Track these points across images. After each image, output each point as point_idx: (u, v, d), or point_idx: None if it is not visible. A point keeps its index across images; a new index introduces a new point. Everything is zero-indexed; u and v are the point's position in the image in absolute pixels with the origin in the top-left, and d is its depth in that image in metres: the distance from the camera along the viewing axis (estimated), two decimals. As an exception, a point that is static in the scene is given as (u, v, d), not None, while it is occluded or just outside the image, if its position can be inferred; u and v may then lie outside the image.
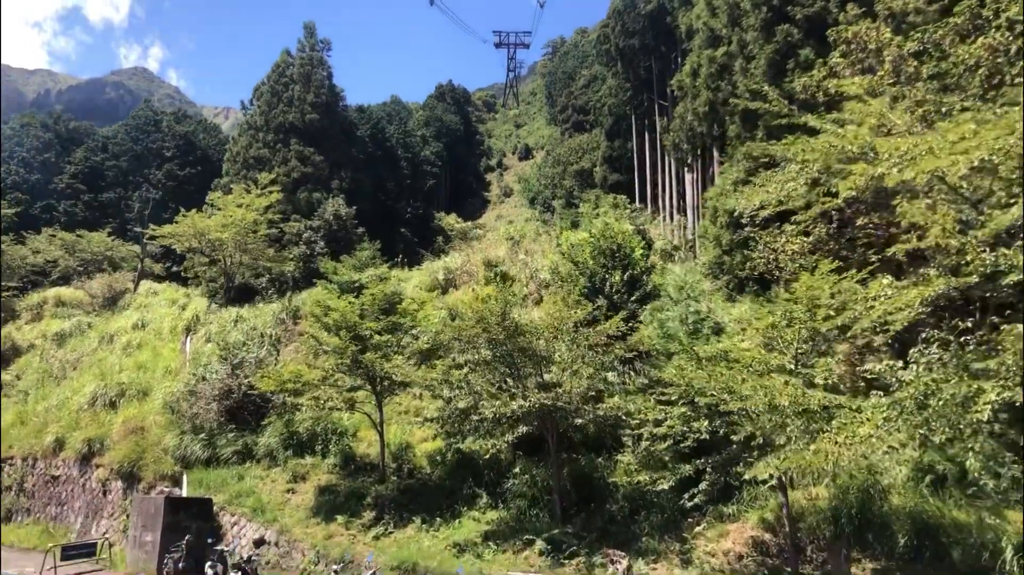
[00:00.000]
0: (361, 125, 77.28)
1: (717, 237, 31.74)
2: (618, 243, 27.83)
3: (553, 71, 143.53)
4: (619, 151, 77.98)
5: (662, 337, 22.44)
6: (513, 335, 21.10)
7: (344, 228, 55.77)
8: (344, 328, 25.11)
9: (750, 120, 29.21)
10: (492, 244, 50.06)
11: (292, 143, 60.01)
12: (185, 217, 44.73)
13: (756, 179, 26.04)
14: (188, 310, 42.74)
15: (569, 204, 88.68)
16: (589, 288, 27.23)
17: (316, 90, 62.88)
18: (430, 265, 48.14)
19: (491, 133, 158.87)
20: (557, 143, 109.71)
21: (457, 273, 43.56)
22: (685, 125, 45.68)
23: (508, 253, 44.26)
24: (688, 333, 22.00)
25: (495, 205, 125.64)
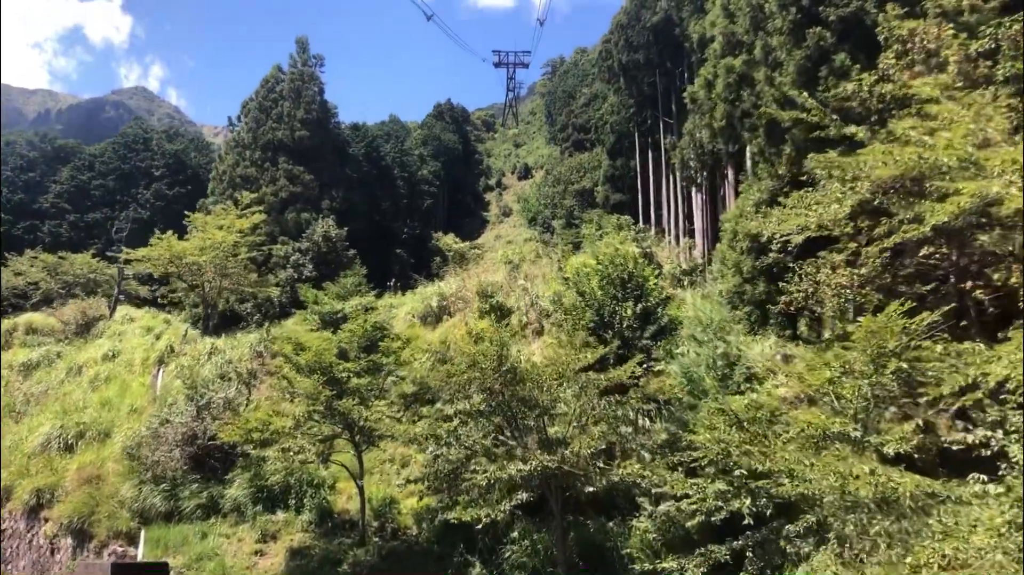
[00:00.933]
0: (355, 143, 74.24)
1: (737, 264, 28.49)
2: (630, 271, 24.59)
3: (552, 90, 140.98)
4: (621, 170, 74.95)
5: (686, 383, 19.13)
6: (511, 383, 17.78)
7: (334, 250, 52.61)
8: (318, 370, 21.78)
9: (776, 134, 26.04)
10: (489, 268, 46.85)
11: (281, 161, 56.91)
12: (160, 240, 41.52)
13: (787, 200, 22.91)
14: (162, 339, 39.36)
15: (569, 224, 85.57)
16: (597, 322, 23.98)
17: (307, 106, 59.84)
18: (423, 290, 44.87)
19: (490, 152, 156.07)
20: (557, 162, 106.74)
21: (451, 299, 40.30)
22: (694, 142, 42.56)
23: (506, 278, 41.02)
24: (716, 379, 18.70)
25: (494, 225, 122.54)
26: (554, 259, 43.07)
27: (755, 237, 27.60)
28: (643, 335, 23.62)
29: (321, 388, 21.29)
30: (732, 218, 29.75)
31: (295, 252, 51.64)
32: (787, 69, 24.58)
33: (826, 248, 22.78)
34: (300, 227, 54.21)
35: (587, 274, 25.56)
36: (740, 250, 28.61)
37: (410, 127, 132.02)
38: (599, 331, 23.90)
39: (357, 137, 75.28)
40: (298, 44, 65.57)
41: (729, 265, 29.32)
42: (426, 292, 42.66)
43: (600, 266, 25.03)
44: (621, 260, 24.61)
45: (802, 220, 19.70)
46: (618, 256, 24.75)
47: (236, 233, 41.60)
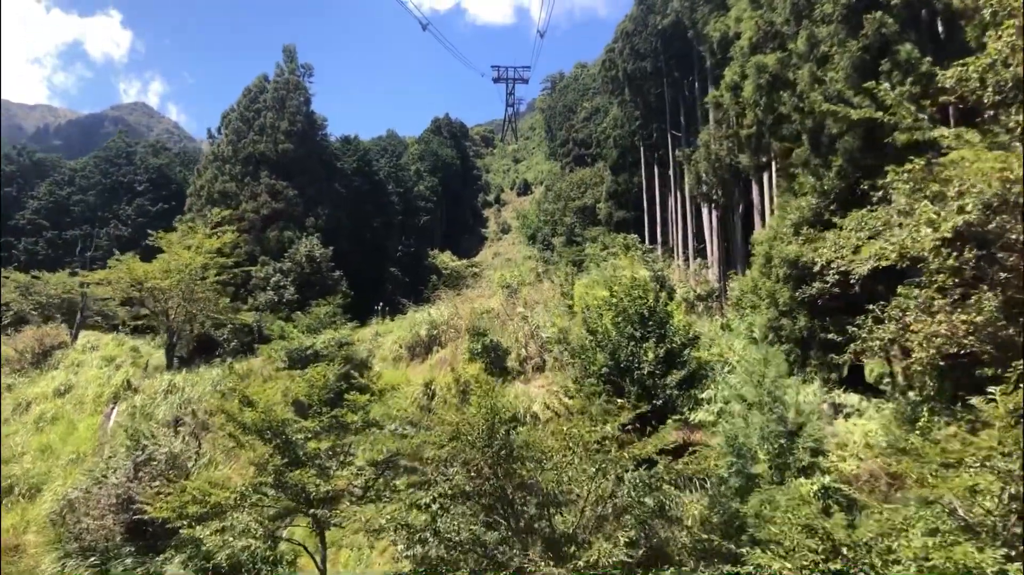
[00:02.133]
0: (346, 157, 69.94)
1: (772, 294, 24.11)
2: (650, 306, 20.17)
3: (552, 105, 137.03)
4: (624, 186, 70.74)
5: (733, 458, 14.66)
6: (505, 461, 13.34)
7: (318, 271, 48.22)
8: (269, 429, 17.34)
9: (821, 142, 21.73)
10: (485, 292, 42.47)
11: (263, 176, 52.54)
12: (119, 262, 37.12)
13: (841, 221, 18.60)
14: (119, 373, 34.83)
15: (570, 242, 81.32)
16: (611, 366, 19.58)
17: (291, 117, 55.48)
18: (413, 316, 40.49)
19: (489, 168, 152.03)
20: (557, 178, 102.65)
21: (442, 329, 35.94)
22: (710, 155, 38.27)
23: (503, 305, 36.64)
24: (773, 455, 14.24)
25: (492, 242, 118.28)
26: (556, 283, 38.65)
27: (794, 263, 23.35)
28: (666, 382, 19.23)
29: (272, 454, 16.86)
30: (765, 240, 25.37)
31: (276, 273, 47.24)
32: (839, 64, 20.27)
33: (888, 281, 18.64)
34: (283, 246, 49.84)
35: (598, 308, 21.17)
36: (776, 278, 24.25)
37: (407, 142, 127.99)
38: (614, 377, 19.54)
39: (348, 151, 70.97)
40: (285, 52, 61.36)
41: (763, 295, 24.93)
42: (415, 319, 38.28)
43: (615, 299, 20.62)
44: (640, 292, 20.20)
45: (875, 247, 15.43)
46: (636, 288, 20.34)
47: (206, 254, 37.14)
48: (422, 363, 35.49)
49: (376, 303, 56.84)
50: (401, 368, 35.67)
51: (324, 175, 58.30)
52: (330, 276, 48.18)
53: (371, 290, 66.42)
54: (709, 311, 39.58)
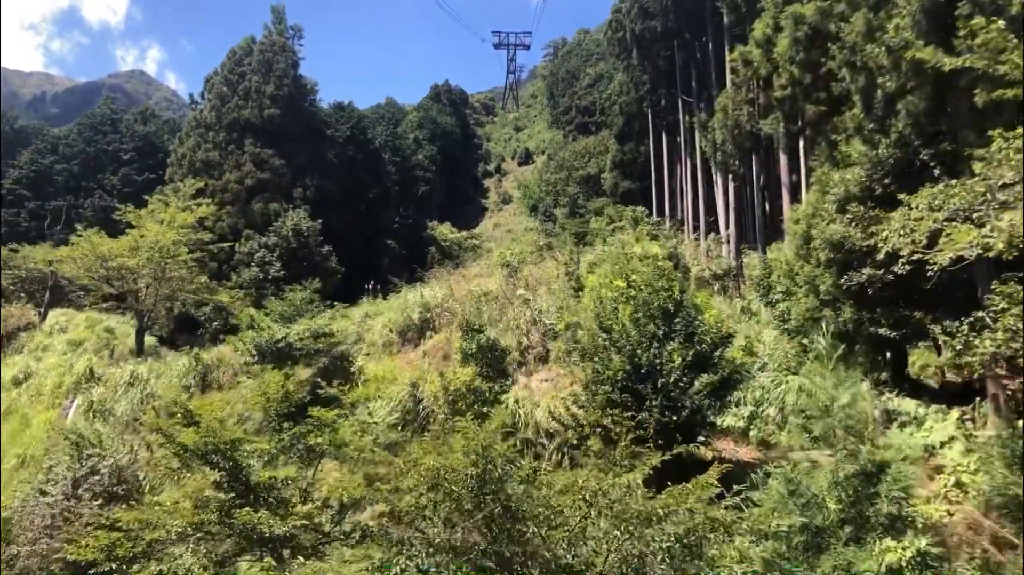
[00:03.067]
0: (340, 125, 66.15)
1: (811, 280, 20.70)
2: (676, 299, 16.78)
3: (555, 72, 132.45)
4: (630, 155, 67.05)
5: (795, 508, 11.32)
6: (502, 519, 10.04)
7: (306, 246, 44.84)
8: (215, 452, 14.08)
9: (874, 104, 18.21)
10: (484, 271, 39.02)
11: (247, 144, 48.94)
12: (80, 237, 33.70)
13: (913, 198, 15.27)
14: (82, 360, 31.48)
15: (573, 213, 77.81)
16: (629, 372, 16.22)
17: (277, 81, 51.67)
18: (406, 297, 37.11)
19: (489, 137, 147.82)
20: (560, 147, 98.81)
21: (436, 312, 32.54)
22: (728, 120, 34.69)
23: (503, 285, 33.23)
24: (847, 504, 10.90)
25: (493, 213, 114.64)
26: (560, 261, 35.18)
27: (838, 245, 19.90)
28: (695, 391, 15.91)
29: (214, 486, 13.62)
30: (803, 218, 21.88)
31: (261, 248, 43.86)
32: (905, 9, 16.67)
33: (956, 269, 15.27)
34: (269, 219, 46.42)
35: (613, 299, 17.77)
36: (816, 261, 20.82)
37: (406, 110, 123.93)
38: (633, 383, 16.21)
39: (342, 118, 67.16)
40: (274, 13, 57.39)
41: (800, 281, 21.52)
42: (407, 301, 34.87)
43: (633, 290, 17.23)
44: (665, 284, 16.78)
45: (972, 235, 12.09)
46: (659, 277, 16.92)
47: (179, 229, 33.68)
48: (414, 349, 32.17)
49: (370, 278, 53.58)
50: (392, 356, 32.40)
51: (314, 143, 54.59)
52: (318, 251, 44.82)
53: (365, 264, 63.11)
54: (725, 291, 36.18)
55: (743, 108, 34.74)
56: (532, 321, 28.34)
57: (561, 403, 18.13)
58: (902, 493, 10.85)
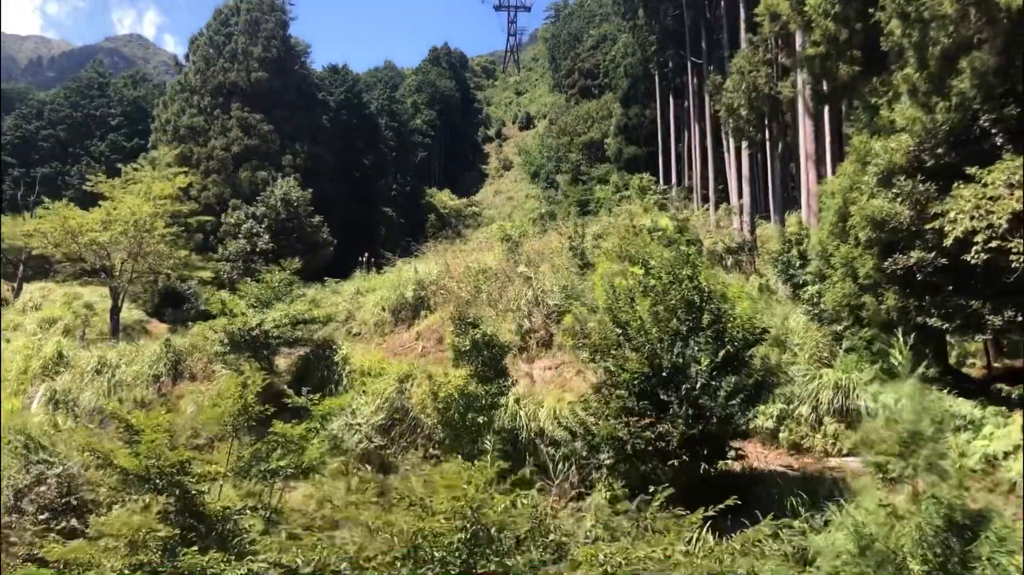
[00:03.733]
0: (334, 88, 63.23)
1: (849, 262, 18.31)
2: (701, 288, 14.35)
3: (556, 34, 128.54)
4: (636, 120, 64.22)
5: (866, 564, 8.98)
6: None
7: (295, 216, 42.34)
8: (160, 476, 11.76)
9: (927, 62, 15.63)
10: (484, 244, 36.55)
11: (233, 108, 46.17)
12: (47, 210, 31.24)
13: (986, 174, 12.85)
14: (50, 343, 29.10)
15: (576, 180, 75.16)
16: (649, 375, 13.84)
17: (265, 42, 48.72)
18: (400, 273, 34.74)
19: (490, 101, 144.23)
20: (562, 111, 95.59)
21: (431, 290, 30.20)
22: (745, 83, 32.02)
23: (503, 262, 30.84)
24: (935, 566, 8.57)
25: (493, 179, 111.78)
26: (564, 234, 32.73)
27: (881, 224, 17.46)
28: (724, 396, 13.54)
29: (157, 522, 11.29)
30: (838, 192, 19.38)
31: (248, 219, 41.35)
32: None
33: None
34: (256, 188, 43.84)
35: (628, 290, 15.33)
36: (855, 241, 18.39)
37: (405, 74, 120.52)
38: (653, 389, 13.85)
39: (336, 81, 64.20)
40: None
41: (835, 263, 19.09)
42: (401, 277, 32.48)
43: (652, 279, 14.79)
44: (689, 272, 14.34)
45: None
46: (685, 265, 14.47)
47: (155, 200, 31.16)
48: (408, 329, 29.87)
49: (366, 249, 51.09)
50: (384, 336, 30.09)
51: (305, 108, 51.73)
52: (309, 222, 42.31)
53: (362, 234, 60.54)
54: (739, 266, 33.71)
55: (761, 70, 32.04)
56: (534, 302, 26.00)
57: (568, 408, 15.76)
58: (1005, 548, 8.53)
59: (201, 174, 44.50)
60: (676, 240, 31.56)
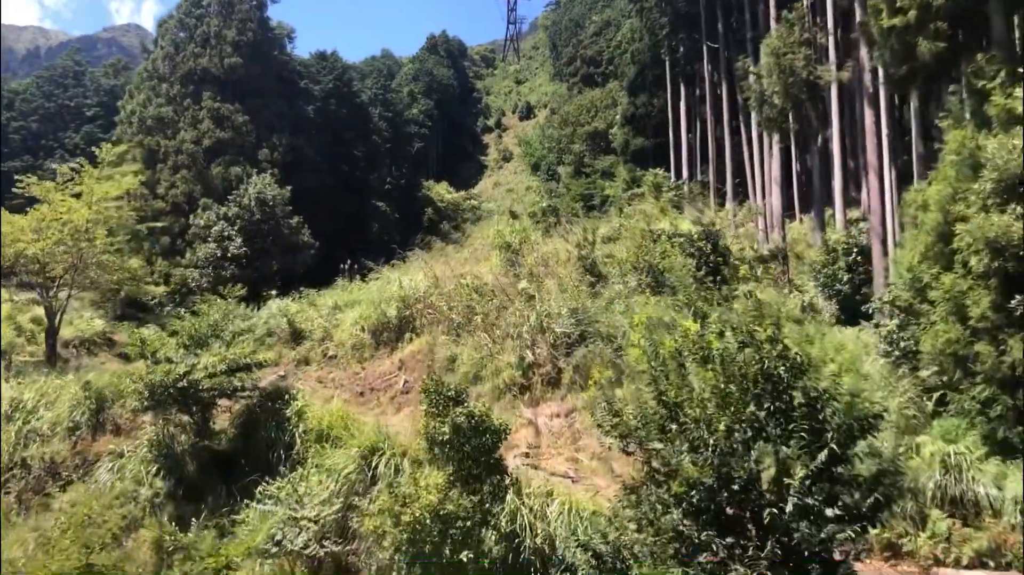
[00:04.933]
0: (321, 77, 58.31)
1: (956, 298, 13.72)
2: (790, 357, 9.64)
3: (557, 21, 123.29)
4: (643, 109, 59.24)
5: None
6: None
7: (272, 217, 37.64)
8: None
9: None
10: (479, 252, 31.88)
11: (205, 98, 41.35)
12: None
13: None
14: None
15: (579, 172, 70.32)
16: (710, 487, 9.20)
17: (240, 24, 43.79)
18: (384, 285, 30.17)
19: (489, 90, 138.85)
20: (564, 100, 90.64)
21: (417, 309, 25.56)
22: (781, 66, 27.34)
23: (501, 274, 26.26)
24: None
25: (493, 171, 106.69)
26: (571, 240, 28.09)
27: (1003, 249, 12.87)
28: (830, 524, 8.91)
29: None
30: (935, 203, 14.70)
31: (219, 220, 36.63)
32: None
33: None
34: (230, 185, 39.12)
35: (678, 353, 10.60)
36: (963, 269, 13.77)
37: (403, 63, 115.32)
38: (719, 507, 9.25)
39: (324, 69, 59.25)
40: (241, -53, 49.17)
41: (936, 299, 14.45)
42: (384, 293, 27.83)
43: (718, 345, 10.05)
44: (770, 331, 9.64)
45: None
46: (762, 321, 9.78)
47: (97, 204, 26.47)
48: (390, 354, 25.27)
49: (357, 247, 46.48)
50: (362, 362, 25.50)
51: (285, 96, 46.82)
52: (287, 223, 37.62)
53: (352, 230, 55.92)
54: (768, 274, 29.02)
55: (798, 51, 27.30)
56: (538, 327, 21.37)
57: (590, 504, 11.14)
58: None
59: (169, 170, 39.84)
60: (689, 235, 27.01)
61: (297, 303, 33.32)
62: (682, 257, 25.57)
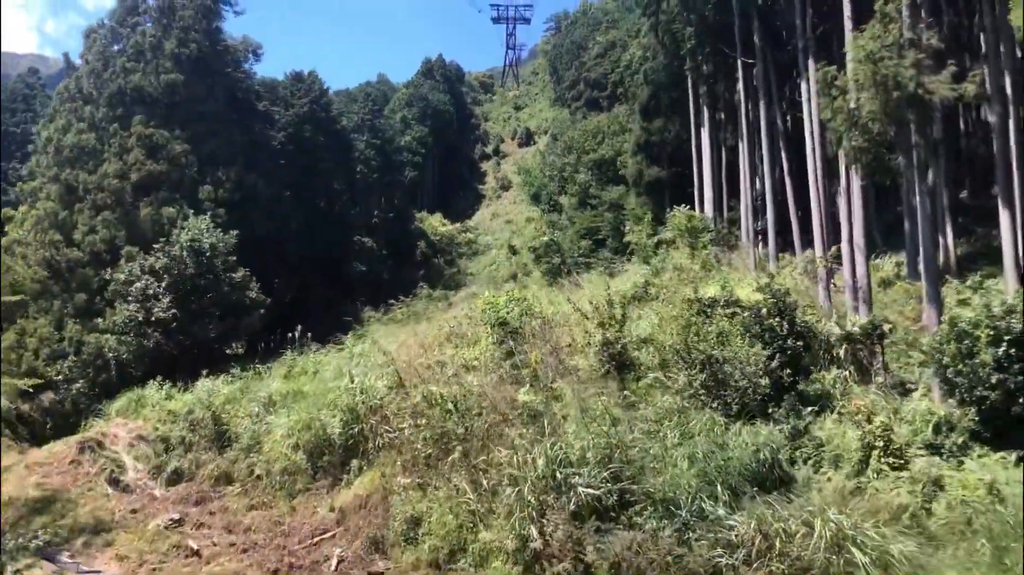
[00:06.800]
0: (295, 100, 50.24)
1: None
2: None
3: (558, 44, 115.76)
4: (658, 135, 51.11)
5: None
6: None
7: (210, 269, 29.38)
8: None
9: None
10: (466, 320, 23.40)
11: (135, 123, 33.19)
12: None
13: None
14: None
15: (584, 203, 62.10)
16: None
17: (182, 35, 35.52)
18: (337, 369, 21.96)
19: (487, 116, 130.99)
20: (566, 126, 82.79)
21: (372, 422, 17.17)
22: (883, 73, 19.36)
23: (492, 368, 17.99)
24: None
25: (491, 200, 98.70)
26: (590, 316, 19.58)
27: None
28: None
29: None
30: None
31: (143, 275, 28.42)
32: None
33: None
34: (162, 229, 30.87)
35: None
36: None
37: (399, 88, 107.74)
38: None
39: (299, 91, 51.17)
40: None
41: None
42: (340, 387, 19.46)
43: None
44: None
45: None
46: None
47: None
48: (330, 492, 16.99)
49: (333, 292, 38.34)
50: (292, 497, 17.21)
51: (236, 122, 38.40)
52: (228, 278, 29.33)
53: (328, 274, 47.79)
54: (858, 363, 20.21)
55: (906, 55, 19.17)
56: (550, 481, 13.03)
57: None
58: None
59: (89, 210, 31.67)
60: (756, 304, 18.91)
61: (233, 384, 25.21)
62: (746, 340, 17.34)
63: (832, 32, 33.32)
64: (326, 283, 48.20)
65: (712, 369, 16.57)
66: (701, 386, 16.48)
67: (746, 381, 16.17)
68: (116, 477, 21.64)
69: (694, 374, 16.70)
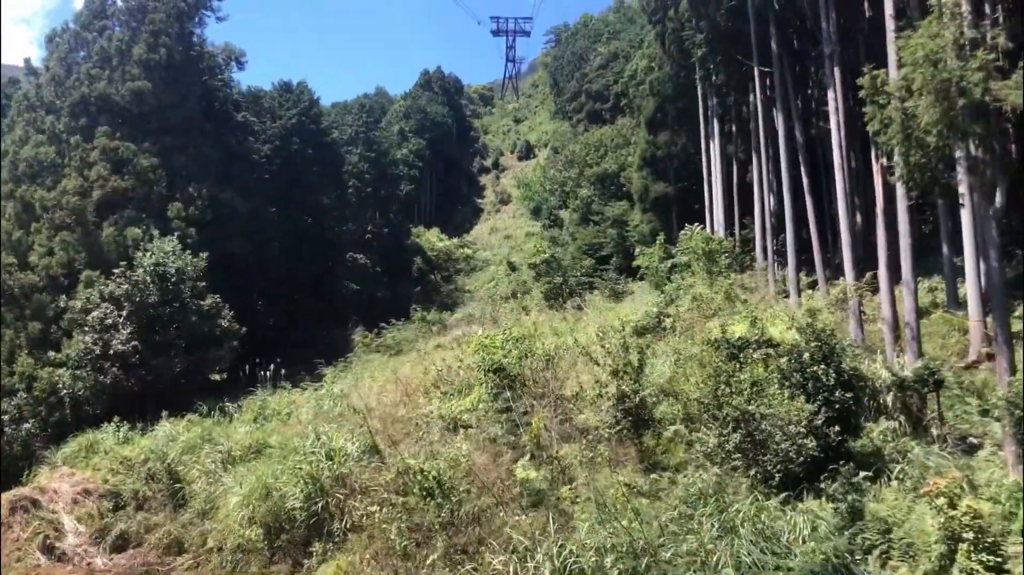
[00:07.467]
0: (283, 111, 47.27)
1: None
2: None
3: (559, 56, 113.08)
4: (664, 149, 48.23)
5: None
6: None
7: (176, 296, 26.33)
8: None
9: None
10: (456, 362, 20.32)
11: (99, 134, 30.16)
12: None
13: None
14: None
15: (586, 219, 59.08)
16: None
17: (152, 38, 32.36)
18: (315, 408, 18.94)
19: (486, 129, 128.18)
20: (567, 139, 79.95)
21: (340, 495, 14.05)
22: (946, 77, 16.26)
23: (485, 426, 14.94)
24: None
25: (490, 214, 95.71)
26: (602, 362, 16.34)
27: None
28: None
29: None
30: None
31: (102, 302, 25.39)
32: None
33: None
34: (125, 251, 27.81)
35: None
36: None
37: (396, 101, 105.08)
38: None
39: (287, 102, 48.21)
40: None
41: None
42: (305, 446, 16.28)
43: None
44: None
45: None
46: None
47: None
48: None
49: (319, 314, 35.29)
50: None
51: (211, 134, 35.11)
52: (196, 305, 26.26)
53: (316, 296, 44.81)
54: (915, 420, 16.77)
55: (976, 54, 16.15)
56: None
57: None
58: None
59: (47, 230, 28.63)
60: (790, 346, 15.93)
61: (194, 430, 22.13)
62: (786, 391, 14.28)
63: (856, 38, 30.55)
64: (315, 303, 45.21)
65: (748, 428, 13.60)
66: (735, 448, 13.54)
67: (789, 442, 13.19)
68: (51, 543, 18.66)
69: (726, 434, 13.73)
